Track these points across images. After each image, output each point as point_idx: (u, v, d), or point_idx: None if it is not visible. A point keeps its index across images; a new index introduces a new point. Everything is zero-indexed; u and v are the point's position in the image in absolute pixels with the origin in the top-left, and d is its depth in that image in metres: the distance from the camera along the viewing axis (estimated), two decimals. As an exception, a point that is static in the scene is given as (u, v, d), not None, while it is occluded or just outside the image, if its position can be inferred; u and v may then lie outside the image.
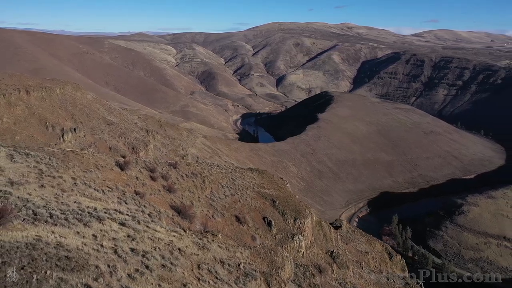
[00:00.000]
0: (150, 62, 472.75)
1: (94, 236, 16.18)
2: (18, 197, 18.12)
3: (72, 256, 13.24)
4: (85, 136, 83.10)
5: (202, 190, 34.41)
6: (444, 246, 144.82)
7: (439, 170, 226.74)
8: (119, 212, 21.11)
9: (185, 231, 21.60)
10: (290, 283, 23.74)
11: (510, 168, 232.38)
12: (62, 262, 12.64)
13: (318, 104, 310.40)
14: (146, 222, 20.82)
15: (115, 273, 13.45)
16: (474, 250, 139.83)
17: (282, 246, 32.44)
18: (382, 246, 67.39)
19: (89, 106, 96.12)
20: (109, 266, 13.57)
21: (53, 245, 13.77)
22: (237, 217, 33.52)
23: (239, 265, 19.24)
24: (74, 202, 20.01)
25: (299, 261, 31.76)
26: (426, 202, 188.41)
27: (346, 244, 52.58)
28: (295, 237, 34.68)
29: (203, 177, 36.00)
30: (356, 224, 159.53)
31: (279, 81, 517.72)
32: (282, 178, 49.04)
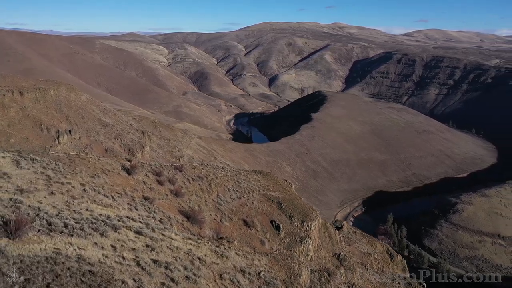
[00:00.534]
0: (142, 62, 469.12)
1: (113, 247, 15.43)
2: (29, 205, 17.29)
3: (96, 270, 12.49)
4: (80, 138, 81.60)
5: (209, 193, 33.67)
6: (439, 244, 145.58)
7: (432, 169, 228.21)
8: (132, 219, 20.36)
9: (200, 238, 20.92)
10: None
11: (502, 166, 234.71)
12: (87, 278, 11.89)
13: (311, 104, 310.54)
14: (160, 230, 20.12)
15: (142, 288, 12.79)
16: (469, 248, 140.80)
17: (292, 250, 31.88)
18: (383, 246, 67.29)
19: (83, 108, 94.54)
20: (135, 280, 12.85)
21: (74, 258, 13.00)
22: (245, 221, 32.85)
23: (259, 273, 18.62)
24: (86, 209, 19.22)
25: (310, 265, 31.21)
26: (420, 201, 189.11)
27: (349, 245, 52.22)
28: (304, 240, 34.11)
29: (209, 180, 35.26)
30: (351, 223, 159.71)
31: (272, 81, 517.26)
32: (286, 180, 48.46)
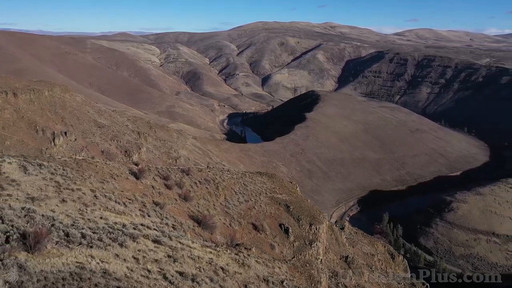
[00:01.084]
0: (134, 63, 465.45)
1: (135, 258, 14.68)
2: (43, 215, 16.45)
3: (124, 286, 11.76)
4: (76, 139, 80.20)
5: (217, 197, 32.96)
6: (435, 243, 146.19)
7: (426, 168, 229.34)
8: (147, 227, 19.60)
9: (218, 246, 20.23)
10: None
11: (494, 164, 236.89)
12: (118, 295, 11.18)
13: (305, 103, 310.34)
14: (177, 237, 19.39)
15: (173, 303, 12.09)
16: (464, 246, 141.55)
17: (302, 254, 31.30)
18: (384, 247, 67.06)
19: (79, 109, 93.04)
20: (166, 296, 12.16)
21: (99, 273, 12.24)
22: (254, 224, 32.20)
23: (282, 282, 18.01)
24: (101, 217, 18.42)
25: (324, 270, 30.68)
26: (414, 199, 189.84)
27: (353, 247, 51.81)
28: (313, 243, 33.57)
29: (216, 183, 34.54)
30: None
31: (265, 80, 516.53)
32: (291, 182, 47.92)
